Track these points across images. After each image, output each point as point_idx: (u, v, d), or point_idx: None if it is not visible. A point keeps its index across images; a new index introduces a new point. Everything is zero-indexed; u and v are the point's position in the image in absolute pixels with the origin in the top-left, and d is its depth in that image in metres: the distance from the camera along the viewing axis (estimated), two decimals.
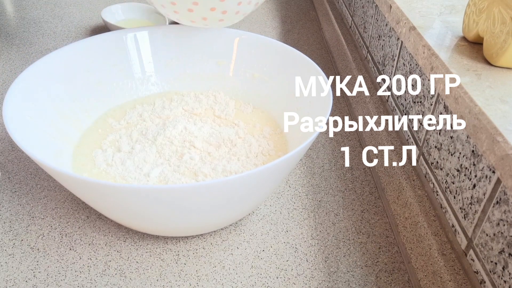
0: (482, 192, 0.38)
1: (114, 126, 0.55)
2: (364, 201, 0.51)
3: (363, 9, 0.77)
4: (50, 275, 0.42)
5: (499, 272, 0.36)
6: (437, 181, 0.47)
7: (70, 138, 0.51)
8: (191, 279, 0.42)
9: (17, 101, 0.45)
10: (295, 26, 0.94)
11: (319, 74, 0.51)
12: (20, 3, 1.00)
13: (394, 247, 0.46)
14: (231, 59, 0.61)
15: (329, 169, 0.56)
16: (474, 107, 0.36)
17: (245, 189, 0.40)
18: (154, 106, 0.58)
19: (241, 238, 0.46)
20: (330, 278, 0.43)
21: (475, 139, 0.36)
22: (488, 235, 0.37)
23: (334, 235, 0.47)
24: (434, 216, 0.46)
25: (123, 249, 0.45)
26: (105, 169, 0.48)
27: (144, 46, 0.60)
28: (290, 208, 0.50)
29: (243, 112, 0.59)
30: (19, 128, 0.42)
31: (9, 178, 0.52)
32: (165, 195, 0.36)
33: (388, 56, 0.63)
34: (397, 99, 0.59)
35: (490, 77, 0.41)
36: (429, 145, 0.49)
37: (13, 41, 0.83)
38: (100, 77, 0.57)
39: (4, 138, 0.59)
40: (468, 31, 0.46)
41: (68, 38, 0.85)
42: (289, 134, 0.54)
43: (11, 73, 0.72)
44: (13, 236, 0.45)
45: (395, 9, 0.54)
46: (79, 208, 0.49)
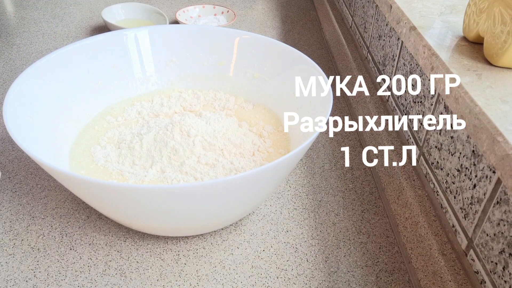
0: (482, 192, 0.38)
1: (112, 123, 0.55)
2: (365, 201, 0.51)
3: (363, 9, 0.77)
4: (50, 275, 0.42)
5: (500, 272, 0.36)
6: (437, 181, 0.47)
7: (69, 137, 0.51)
8: (191, 279, 0.42)
9: (18, 101, 0.45)
10: (296, 26, 0.94)
11: (319, 74, 0.51)
12: (20, 3, 1.00)
13: (394, 247, 0.46)
14: (231, 59, 0.61)
15: (329, 169, 0.56)
16: (475, 107, 0.36)
17: (245, 189, 0.40)
18: (152, 103, 0.59)
19: (242, 238, 0.46)
20: (330, 278, 0.43)
21: (476, 139, 0.36)
22: (488, 235, 0.37)
23: (334, 235, 0.47)
24: (434, 216, 0.46)
25: (123, 249, 0.45)
26: (102, 165, 0.48)
27: (144, 46, 0.60)
28: (291, 208, 0.50)
29: (244, 109, 0.59)
30: (19, 127, 0.42)
31: (9, 178, 0.52)
32: (165, 195, 0.36)
33: (389, 56, 0.63)
34: (397, 99, 0.59)
35: (490, 77, 0.40)
36: (430, 145, 0.49)
37: (13, 41, 0.83)
38: (101, 77, 0.57)
39: (4, 138, 0.59)
40: (468, 31, 0.46)
41: (68, 38, 0.85)
42: (289, 134, 0.54)
43: (11, 73, 0.72)
44: (14, 236, 0.45)
45: (395, 9, 0.54)
46: (80, 208, 0.49)
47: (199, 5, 0.94)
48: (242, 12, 1.00)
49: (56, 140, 0.49)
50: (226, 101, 0.60)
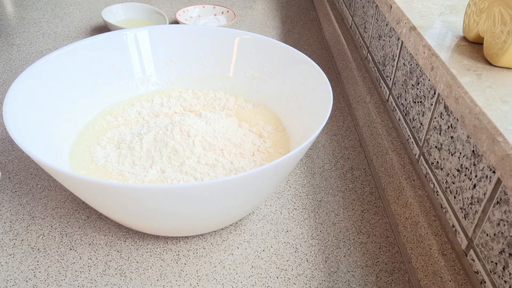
0: (482, 192, 0.38)
1: (112, 123, 0.55)
2: (365, 201, 0.51)
3: (363, 9, 0.77)
4: (50, 275, 0.42)
5: (500, 272, 0.36)
6: (437, 181, 0.47)
7: (69, 137, 0.51)
8: (191, 279, 0.42)
9: (18, 101, 0.45)
10: (296, 26, 0.94)
11: (319, 74, 0.51)
12: (21, 3, 1.00)
13: (394, 247, 0.46)
14: (231, 59, 0.61)
15: (329, 169, 0.56)
16: (475, 107, 0.36)
17: (245, 189, 0.40)
18: (152, 103, 0.59)
19: (242, 238, 0.46)
20: (330, 278, 0.43)
21: (476, 139, 0.36)
22: (488, 235, 0.37)
23: (334, 235, 0.47)
24: (434, 216, 0.46)
25: (123, 249, 0.45)
26: (102, 165, 0.48)
27: (144, 46, 0.60)
28: (291, 208, 0.50)
29: (244, 109, 0.59)
30: (19, 127, 0.42)
31: (10, 178, 0.52)
32: (165, 195, 0.36)
33: (389, 56, 0.63)
34: (397, 99, 0.59)
35: (490, 77, 0.41)
36: (430, 145, 0.49)
37: (13, 41, 0.83)
38: (100, 77, 0.57)
39: (4, 138, 0.59)
40: (468, 31, 0.46)
41: (69, 38, 0.85)
42: (289, 134, 0.54)
43: (11, 73, 0.72)
44: (14, 236, 0.45)
45: (395, 9, 0.54)
46: (80, 208, 0.49)
47: (199, 5, 0.94)
48: (242, 12, 1.00)
49: (56, 140, 0.49)
50: (226, 101, 0.60)
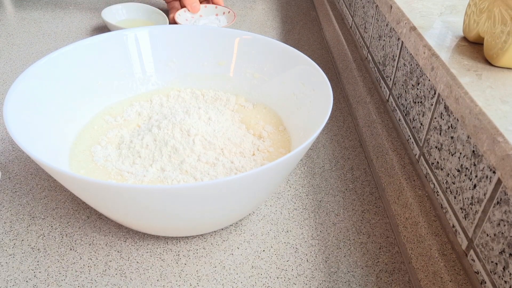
0: (482, 193, 0.38)
1: (112, 123, 0.55)
2: (365, 201, 0.51)
3: (363, 9, 0.77)
4: (50, 275, 0.42)
5: (500, 272, 0.36)
6: (437, 181, 0.47)
7: (69, 137, 0.51)
8: (192, 279, 0.42)
9: (18, 101, 0.45)
10: (296, 26, 0.94)
11: (320, 74, 0.51)
12: (21, 3, 1.00)
13: (394, 247, 0.46)
14: (231, 59, 0.61)
15: (329, 169, 0.56)
16: (475, 107, 0.36)
17: (245, 189, 0.40)
18: (152, 103, 0.59)
19: (242, 238, 0.46)
20: (330, 278, 0.43)
21: (476, 139, 0.36)
22: (488, 235, 0.37)
23: (334, 235, 0.47)
24: (434, 217, 0.46)
25: (123, 249, 0.45)
26: (102, 165, 0.48)
27: (144, 46, 0.60)
28: (291, 208, 0.50)
29: (244, 109, 0.59)
30: (20, 128, 0.42)
31: (10, 178, 0.52)
32: (165, 196, 0.36)
33: (389, 56, 0.63)
34: (397, 99, 0.59)
35: (490, 77, 0.41)
36: (430, 145, 0.49)
37: (13, 41, 0.83)
38: (100, 77, 0.57)
39: (5, 138, 0.59)
40: (468, 31, 0.46)
41: (69, 38, 0.85)
42: (290, 134, 0.54)
43: (11, 73, 0.72)
44: (14, 236, 0.45)
45: (395, 9, 0.54)
46: (80, 208, 0.49)
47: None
48: (242, 12, 1.00)
49: (56, 140, 0.49)
50: (226, 101, 0.60)
